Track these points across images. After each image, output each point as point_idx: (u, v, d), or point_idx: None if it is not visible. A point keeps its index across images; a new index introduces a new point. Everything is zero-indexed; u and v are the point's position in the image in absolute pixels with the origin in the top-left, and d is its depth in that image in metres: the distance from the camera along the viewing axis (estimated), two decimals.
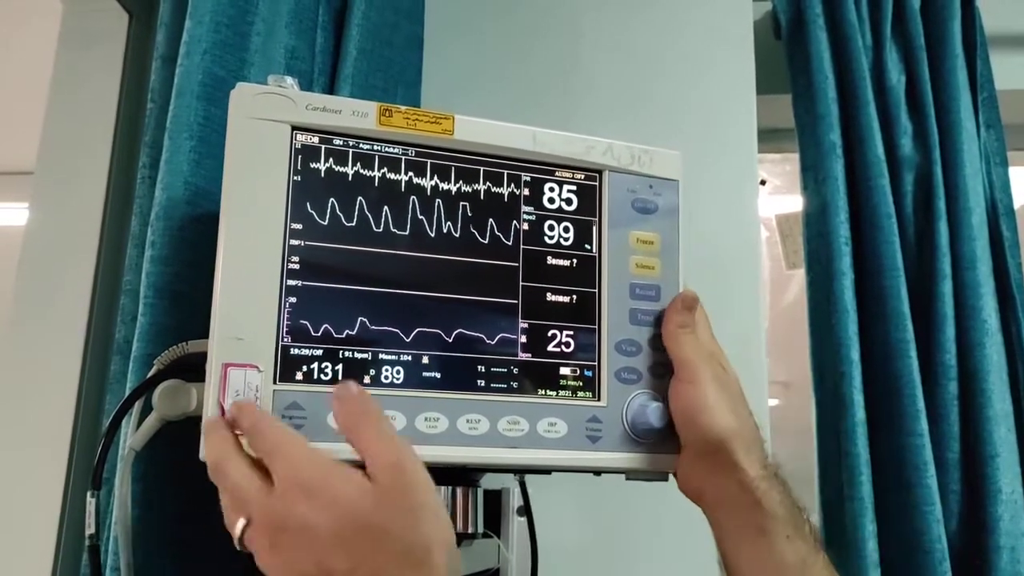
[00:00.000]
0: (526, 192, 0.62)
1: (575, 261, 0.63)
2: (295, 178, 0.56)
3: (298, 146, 0.56)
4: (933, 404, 0.97)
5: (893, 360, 0.97)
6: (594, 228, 0.63)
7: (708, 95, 1.02)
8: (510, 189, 0.61)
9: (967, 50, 1.09)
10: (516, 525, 0.77)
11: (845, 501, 0.95)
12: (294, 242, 0.55)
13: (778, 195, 1.57)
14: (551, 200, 0.63)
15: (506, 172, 0.62)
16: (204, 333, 0.58)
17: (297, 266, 0.55)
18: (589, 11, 1.06)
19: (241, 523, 0.46)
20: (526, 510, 0.75)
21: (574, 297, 0.62)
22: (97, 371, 0.89)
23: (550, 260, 0.62)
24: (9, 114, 1.44)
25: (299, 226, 0.55)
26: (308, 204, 0.56)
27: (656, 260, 0.64)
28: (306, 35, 0.74)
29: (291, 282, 0.54)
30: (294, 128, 0.56)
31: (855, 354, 0.98)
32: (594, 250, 0.63)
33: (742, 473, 0.55)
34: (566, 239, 0.63)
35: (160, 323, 0.60)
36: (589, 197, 0.64)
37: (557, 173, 0.63)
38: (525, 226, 0.61)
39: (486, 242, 0.60)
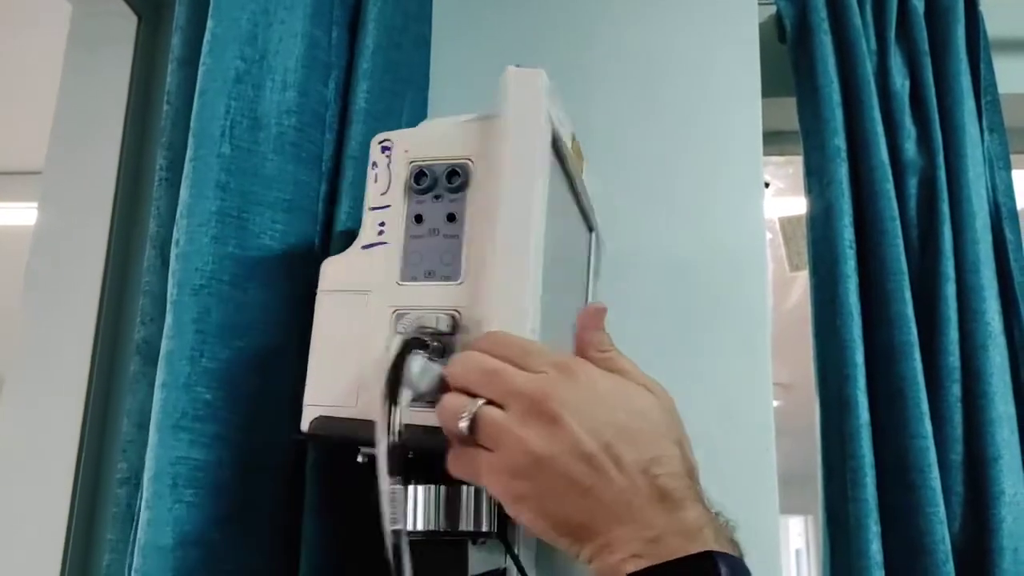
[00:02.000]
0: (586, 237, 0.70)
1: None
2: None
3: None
4: (937, 406, 0.97)
5: (897, 362, 0.98)
6: (589, 276, 0.73)
7: (713, 98, 1.02)
8: (582, 230, 0.69)
9: (970, 54, 1.10)
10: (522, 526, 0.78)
11: (849, 503, 0.95)
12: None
13: (781, 197, 1.58)
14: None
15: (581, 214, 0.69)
16: (239, 329, 0.58)
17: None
18: (594, 15, 1.06)
19: (474, 406, 0.45)
20: None
21: None
22: (106, 370, 0.89)
23: (588, 299, 0.70)
24: (18, 114, 1.44)
25: None
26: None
27: None
28: (324, 28, 0.74)
29: None
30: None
31: (859, 357, 0.98)
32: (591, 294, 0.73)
33: None
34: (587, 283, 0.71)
35: (187, 319, 0.59)
36: (594, 249, 0.74)
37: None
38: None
39: (572, 275, 0.66)
